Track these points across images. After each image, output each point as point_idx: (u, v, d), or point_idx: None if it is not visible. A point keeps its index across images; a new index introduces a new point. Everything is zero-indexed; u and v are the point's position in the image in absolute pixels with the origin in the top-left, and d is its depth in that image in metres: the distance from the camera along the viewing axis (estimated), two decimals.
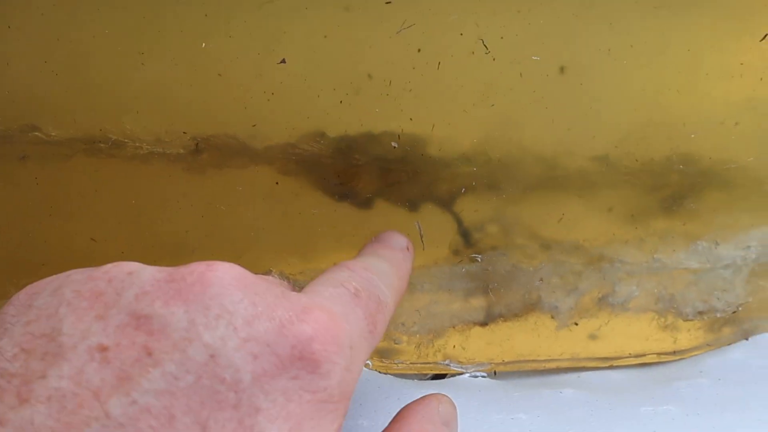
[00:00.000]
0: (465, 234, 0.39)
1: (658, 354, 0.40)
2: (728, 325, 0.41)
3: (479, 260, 0.38)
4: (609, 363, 0.40)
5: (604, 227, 0.39)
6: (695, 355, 0.40)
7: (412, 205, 0.39)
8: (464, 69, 0.35)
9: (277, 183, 0.37)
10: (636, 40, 0.36)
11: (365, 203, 0.39)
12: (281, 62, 0.34)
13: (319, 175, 0.38)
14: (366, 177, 0.38)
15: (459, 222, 0.39)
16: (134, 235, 0.38)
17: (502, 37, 0.35)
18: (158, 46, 0.34)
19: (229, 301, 0.23)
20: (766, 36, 0.36)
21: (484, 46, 0.35)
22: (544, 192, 0.39)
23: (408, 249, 0.34)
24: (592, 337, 0.40)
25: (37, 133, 0.37)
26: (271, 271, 0.37)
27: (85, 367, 0.21)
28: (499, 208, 0.39)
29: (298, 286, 0.38)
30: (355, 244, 0.39)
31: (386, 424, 0.28)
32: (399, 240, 0.34)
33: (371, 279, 0.28)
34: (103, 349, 0.22)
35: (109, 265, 0.24)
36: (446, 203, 0.39)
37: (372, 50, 0.35)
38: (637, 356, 0.40)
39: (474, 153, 0.38)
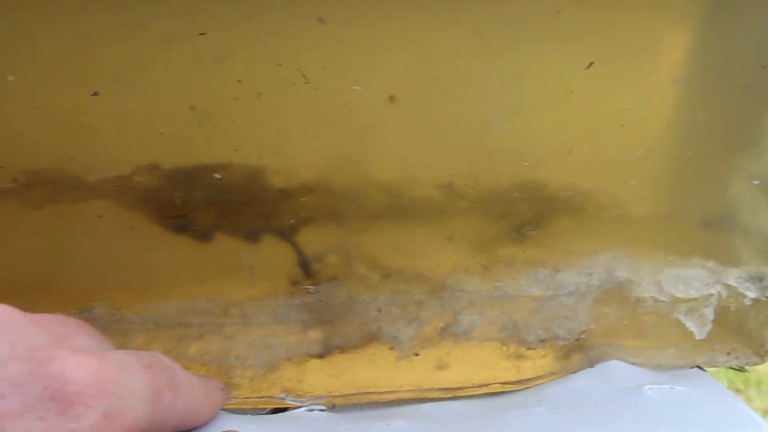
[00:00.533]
0: (304, 265, 0.39)
1: (502, 383, 0.40)
2: (575, 353, 0.41)
3: (314, 291, 0.38)
4: (452, 393, 0.39)
5: (446, 256, 0.39)
6: (540, 383, 0.40)
7: (251, 237, 0.38)
8: (286, 99, 0.35)
9: (106, 217, 0.36)
10: (460, 67, 0.36)
11: (203, 236, 0.38)
12: (94, 94, 0.34)
13: (155, 208, 0.37)
14: (203, 209, 0.38)
15: (299, 253, 0.38)
16: None
17: (323, 68, 0.35)
18: None
19: None
20: (592, 63, 0.36)
21: (304, 76, 0.34)
22: (387, 221, 0.39)
23: (223, 389, 0.34)
24: (436, 367, 0.40)
25: None
26: (93, 307, 0.37)
27: None
28: (341, 238, 0.39)
29: (126, 322, 0.38)
30: (193, 277, 0.38)
31: None
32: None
33: (174, 367, 0.28)
34: None
35: None
36: (286, 234, 0.39)
37: (193, 82, 0.34)
38: (481, 386, 0.40)
39: (315, 183, 0.38)
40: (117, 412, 0.24)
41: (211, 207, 0.38)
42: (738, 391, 1.09)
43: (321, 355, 0.38)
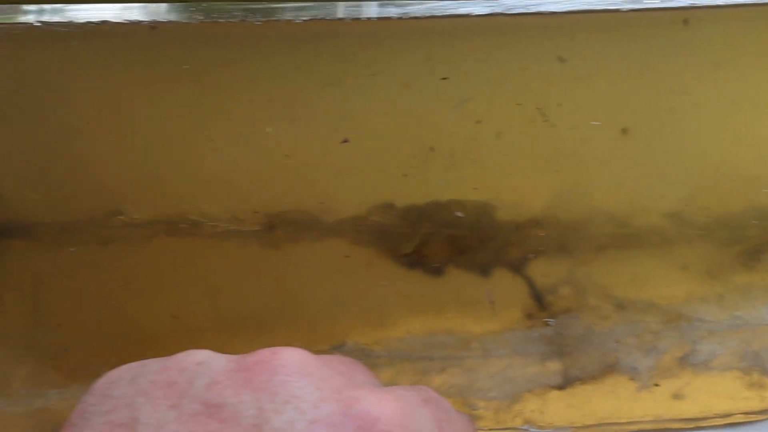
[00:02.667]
0: (537, 297, 0.39)
1: (746, 413, 0.39)
2: None
3: (552, 324, 0.38)
4: (694, 424, 0.39)
5: (680, 284, 0.39)
6: None
7: (483, 271, 0.39)
8: (524, 137, 0.36)
9: (347, 256, 0.38)
10: (698, 98, 0.36)
11: (436, 271, 0.40)
12: (344, 141, 0.36)
13: (390, 245, 0.39)
14: (436, 245, 0.39)
15: (531, 285, 0.39)
16: (214, 311, 0.39)
17: (560, 104, 0.35)
18: (226, 132, 0.36)
19: (296, 387, 0.24)
20: None
21: (543, 114, 0.35)
22: (615, 251, 0.39)
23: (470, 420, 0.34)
24: (676, 397, 0.39)
25: (121, 217, 0.39)
26: (345, 342, 0.38)
27: None
28: (571, 269, 0.39)
29: (374, 356, 0.39)
30: (427, 311, 0.40)
31: None
32: None
33: (444, 401, 0.29)
34: None
35: (181, 354, 0.26)
36: (517, 267, 0.39)
37: (432, 124, 0.36)
38: (723, 416, 0.39)
39: (543, 217, 0.38)
40: None
41: (443, 243, 0.39)
42: None
43: (561, 387, 0.39)
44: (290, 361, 0.25)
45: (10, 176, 0.38)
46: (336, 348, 0.38)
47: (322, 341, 0.38)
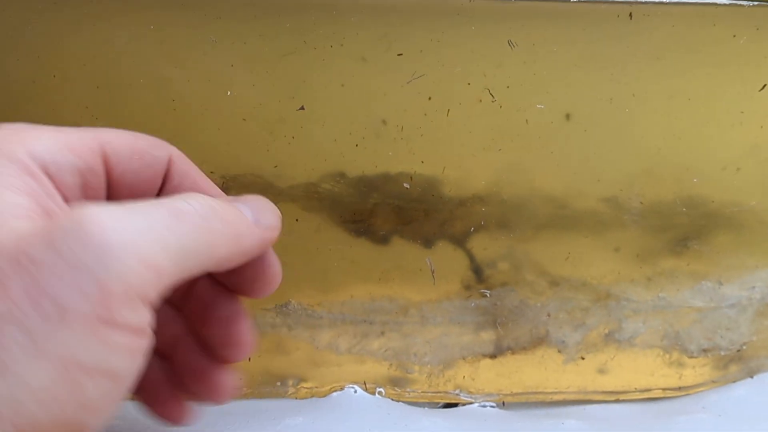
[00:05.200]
0: (477, 270, 0.41)
1: (663, 389, 0.42)
2: (734, 363, 0.42)
3: (488, 295, 0.40)
4: (615, 397, 0.41)
5: (611, 266, 0.41)
6: (700, 391, 0.41)
7: (427, 242, 0.41)
8: (472, 116, 0.38)
9: (297, 220, 0.39)
10: (637, 89, 0.38)
11: (381, 240, 0.41)
12: (300, 109, 0.37)
13: (339, 213, 0.41)
14: (382, 215, 0.41)
15: (471, 258, 0.41)
16: None
17: (508, 87, 0.37)
18: (188, 93, 0.37)
19: None
20: (765, 86, 0.38)
21: (491, 95, 0.37)
22: (553, 231, 0.41)
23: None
24: (600, 371, 0.42)
25: None
26: (290, 302, 0.40)
27: None
28: (510, 245, 0.41)
29: (316, 317, 0.41)
30: (370, 278, 0.41)
31: None
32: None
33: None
34: None
35: None
36: (459, 241, 0.41)
37: (385, 98, 0.37)
38: (642, 391, 0.42)
39: (486, 193, 0.40)
40: None
41: (390, 213, 0.40)
42: None
43: (493, 356, 0.41)
44: None
45: None
46: (281, 306, 0.40)
47: (266, 300, 0.40)
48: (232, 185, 0.40)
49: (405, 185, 0.39)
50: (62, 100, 0.37)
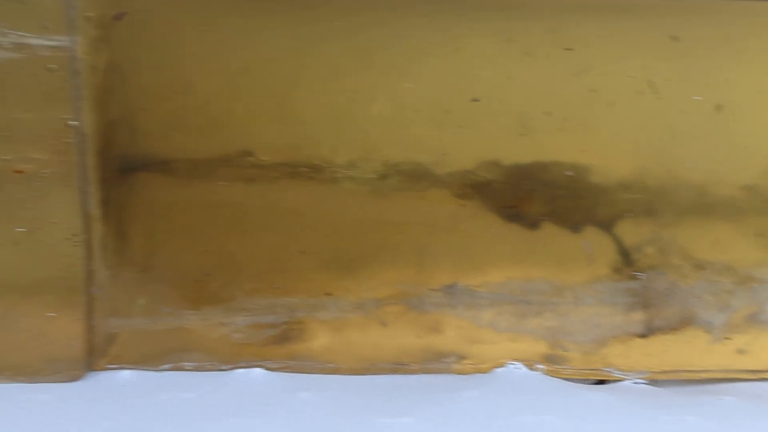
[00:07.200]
0: (625, 254, 0.43)
1: None
2: None
3: (641, 277, 0.43)
4: (759, 376, 0.43)
5: (753, 251, 0.43)
6: None
7: (575, 227, 0.43)
8: (632, 108, 0.40)
9: (462, 205, 0.42)
10: None
11: (533, 225, 0.44)
12: (474, 100, 0.40)
13: (492, 199, 0.43)
14: (534, 202, 0.43)
15: (619, 243, 0.43)
16: (335, 251, 0.43)
17: (668, 79, 0.39)
18: (369, 85, 0.39)
19: None
20: None
21: (652, 87, 0.39)
22: (695, 217, 0.43)
23: None
24: (741, 351, 0.44)
25: (250, 158, 0.43)
26: (456, 283, 0.42)
27: None
28: (656, 231, 0.43)
29: (478, 297, 0.43)
30: (525, 261, 0.44)
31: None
32: None
33: None
34: None
35: None
36: (607, 226, 0.44)
37: (551, 90, 0.40)
38: None
39: (633, 181, 0.42)
40: None
41: (541, 200, 0.43)
42: None
43: (644, 335, 0.43)
44: None
45: (153, 115, 0.42)
46: (449, 287, 0.42)
47: (433, 282, 0.42)
48: (391, 172, 0.42)
49: (567, 173, 0.41)
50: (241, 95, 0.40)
